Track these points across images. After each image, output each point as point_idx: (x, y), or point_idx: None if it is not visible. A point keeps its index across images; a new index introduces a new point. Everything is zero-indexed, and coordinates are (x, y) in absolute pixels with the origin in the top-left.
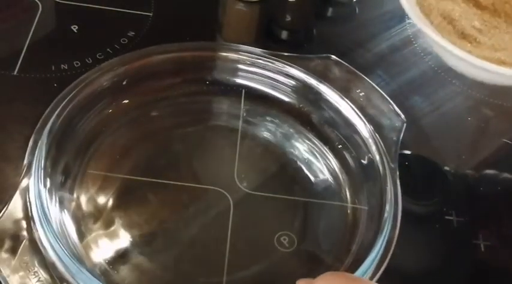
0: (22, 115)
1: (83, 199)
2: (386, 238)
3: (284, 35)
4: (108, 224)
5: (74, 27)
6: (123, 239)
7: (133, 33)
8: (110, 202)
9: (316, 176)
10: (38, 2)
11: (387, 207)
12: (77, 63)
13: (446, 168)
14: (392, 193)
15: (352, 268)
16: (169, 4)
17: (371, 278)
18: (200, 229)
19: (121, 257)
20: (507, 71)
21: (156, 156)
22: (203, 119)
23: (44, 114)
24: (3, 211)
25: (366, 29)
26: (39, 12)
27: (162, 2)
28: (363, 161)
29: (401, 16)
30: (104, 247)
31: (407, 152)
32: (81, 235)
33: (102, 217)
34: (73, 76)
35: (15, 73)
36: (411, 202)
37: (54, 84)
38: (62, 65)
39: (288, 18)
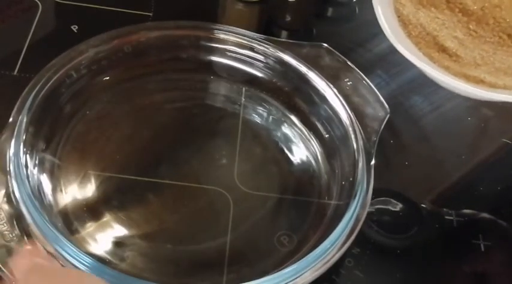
0: None
1: (64, 165)
2: (356, 211)
3: (284, 35)
4: (87, 191)
5: (74, 27)
6: (102, 209)
7: None
8: (89, 172)
9: (299, 161)
10: (38, 2)
11: (359, 178)
12: None
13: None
14: (365, 180)
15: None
16: (169, 4)
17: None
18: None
19: (98, 223)
20: (482, 93)
21: (141, 130)
22: (191, 98)
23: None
24: None
25: (366, 29)
26: (39, 12)
27: (162, 2)
28: (343, 148)
29: None
30: (80, 213)
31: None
32: (57, 199)
33: (80, 183)
34: None
35: (15, 73)
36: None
37: None
38: None
39: (288, 18)
